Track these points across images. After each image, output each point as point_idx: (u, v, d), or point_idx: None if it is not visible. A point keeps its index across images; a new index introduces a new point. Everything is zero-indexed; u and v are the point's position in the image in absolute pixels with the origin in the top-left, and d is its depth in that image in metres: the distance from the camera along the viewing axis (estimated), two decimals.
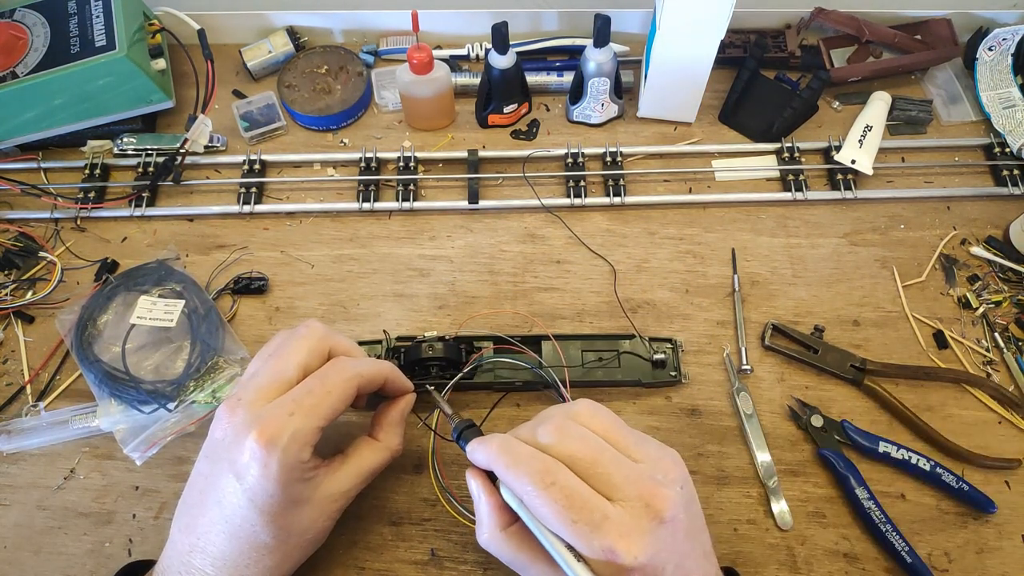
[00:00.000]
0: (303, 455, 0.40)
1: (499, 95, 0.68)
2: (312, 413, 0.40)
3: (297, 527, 0.41)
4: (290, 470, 0.39)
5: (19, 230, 0.65)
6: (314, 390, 0.41)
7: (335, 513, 0.44)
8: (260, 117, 0.71)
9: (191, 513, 0.41)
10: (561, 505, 0.35)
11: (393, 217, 0.67)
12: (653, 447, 0.39)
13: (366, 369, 0.44)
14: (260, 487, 0.39)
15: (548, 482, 0.35)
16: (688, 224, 0.66)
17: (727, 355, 0.58)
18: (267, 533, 0.40)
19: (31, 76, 0.63)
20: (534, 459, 0.37)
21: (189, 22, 0.70)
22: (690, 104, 0.70)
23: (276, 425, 0.39)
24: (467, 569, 0.50)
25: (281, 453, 0.39)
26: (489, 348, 0.56)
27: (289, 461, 0.39)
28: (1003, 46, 0.70)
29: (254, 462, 0.39)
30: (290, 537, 0.41)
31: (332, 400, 0.41)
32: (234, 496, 0.39)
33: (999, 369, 0.58)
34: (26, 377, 0.58)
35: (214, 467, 0.41)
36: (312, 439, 0.41)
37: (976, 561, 0.50)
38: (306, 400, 0.41)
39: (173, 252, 0.64)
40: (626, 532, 0.35)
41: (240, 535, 0.40)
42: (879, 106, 0.70)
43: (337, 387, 0.42)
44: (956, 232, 0.65)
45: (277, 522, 0.40)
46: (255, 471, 0.39)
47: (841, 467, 0.52)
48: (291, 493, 0.40)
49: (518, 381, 0.55)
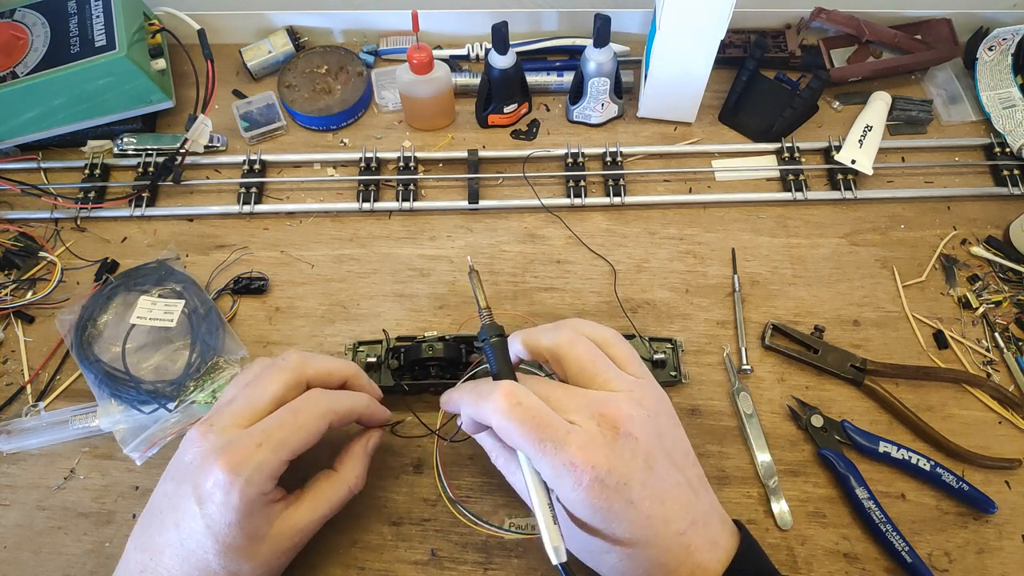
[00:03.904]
0: (266, 487, 0.40)
1: (499, 95, 0.68)
2: (280, 446, 0.40)
3: (249, 562, 0.41)
4: (251, 502, 0.39)
5: (19, 230, 0.65)
6: (285, 423, 0.41)
7: (291, 550, 0.44)
8: (260, 117, 0.71)
9: (148, 532, 0.41)
10: (528, 426, 0.37)
11: (393, 217, 0.67)
12: (628, 380, 0.41)
13: (339, 405, 0.44)
14: (219, 515, 0.39)
15: (513, 402, 0.37)
16: (688, 224, 0.66)
17: (727, 355, 0.58)
18: (218, 562, 0.40)
19: (31, 76, 0.63)
20: (496, 389, 0.39)
21: (189, 22, 0.70)
22: (690, 104, 0.70)
23: (243, 455, 0.39)
24: (467, 569, 0.50)
25: (244, 483, 0.39)
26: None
27: (251, 493, 0.39)
28: (1003, 46, 0.70)
29: (217, 489, 0.39)
30: (240, 570, 0.41)
31: (302, 435, 0.41)
32: (192, 520, 0.39)
33: (999, 369, 0.58)
34: (26, 377, 0.58)
35: (178, 489, 0.41)
36: (277, 471, 0.41)
37: (976, 561, 0.50)
38: (276, 433, 0.41)
39: (173, 252, 0.64)
40: (583, 444, 0.37)
41: (192, 560, 0.40)
42: (879, 106, 0.70)
43: (308, 422, 0.42)
44: (956, 232, 0.65)
45: (230, 553, 0.40)
46: (217, 498, 0.39)
47: (841, 467, 0.52)
48: (249, 526, 0.40)
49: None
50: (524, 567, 0.50)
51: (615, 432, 0.37)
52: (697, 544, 0.39)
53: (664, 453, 0.40)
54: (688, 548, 0.38)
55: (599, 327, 0.45)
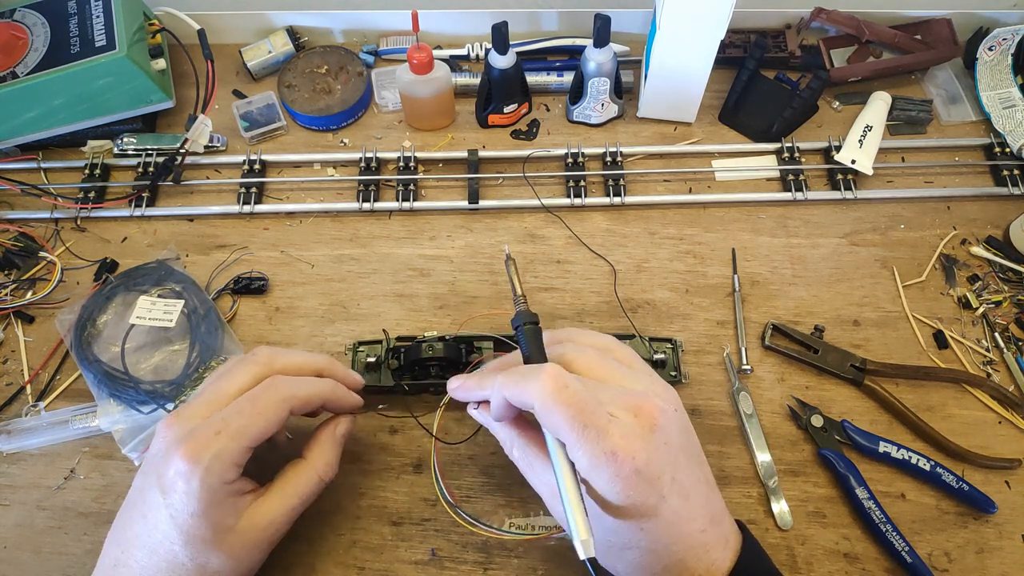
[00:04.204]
0: (227, 475, 0.40)
1: (499, 95, 0.68)
2: (239, 433, 0.40)
3: (217, 554, 0.40)
4: (212, 491, 0.39)
5: (19, 230, 0.65)
6: (243, 411, 0.41)
7: (264, 544, 0.42)
8: (260, 117, 0.71)
9: (121, 526, 0.41)
10: (574, 410, 0.36)
11: (393, 217, 0.67)
12: (644, 378, 0.41)
13: (300, 390, 0.43)
14: (182, 504, 0.39)
15: (561, 385, 0.36)
16: (688, 224, 0.66)
17: (727, 355, 0.58)
18: (185, 554, 0.39)
19: (31, 76, 0.63)
20: (543, 371, 0.37)
21: (189, 22, 0.70)
22: (690, 104, 0.70)
23: (202, 443, 0.39)
24: (467, 569, 0.50)
25: (204, 472, 0.38)
26: (490, 350, 0.56)
27: (212, 481, 0.39)
28: (1003, 46, 0.70)
29: (179, 478, 0.39)
30: (208, 563, 0.40)
31: (260, 422, 0.41)
32: (157, 511, 0.39)
33: (999, 369, 0.58)
34: (26, 377, 0.58)
35: (145, 481, 0.41)
36: (239, 459, 0.40)
37: (976, 561, 0.50)
38: (234, 420, 0.40)
39: (173, 252, 0.64)
40: (625, 434, 0.36)
41: (160, 552, 0.39)
42: (879, 106, 0.70)
43: (267, 409, 0.41)
44: (956, 232, 0.65)
45: (196, 544, 0.39)
46: (179, 487, 0.38)
47: (841, 467, 0.52)
48: (214, 516, 0.39)
49: None
50: (524, 567, 0.50)
51: (652, 425, 0.37)
52: (713, 542, 0.39)
53: (688, 450, 0.40)
54: (706, 546, 0.39)
55: (596, 334, 0.45)
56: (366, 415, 0.56)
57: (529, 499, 0.52)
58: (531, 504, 0.52)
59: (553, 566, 0.50)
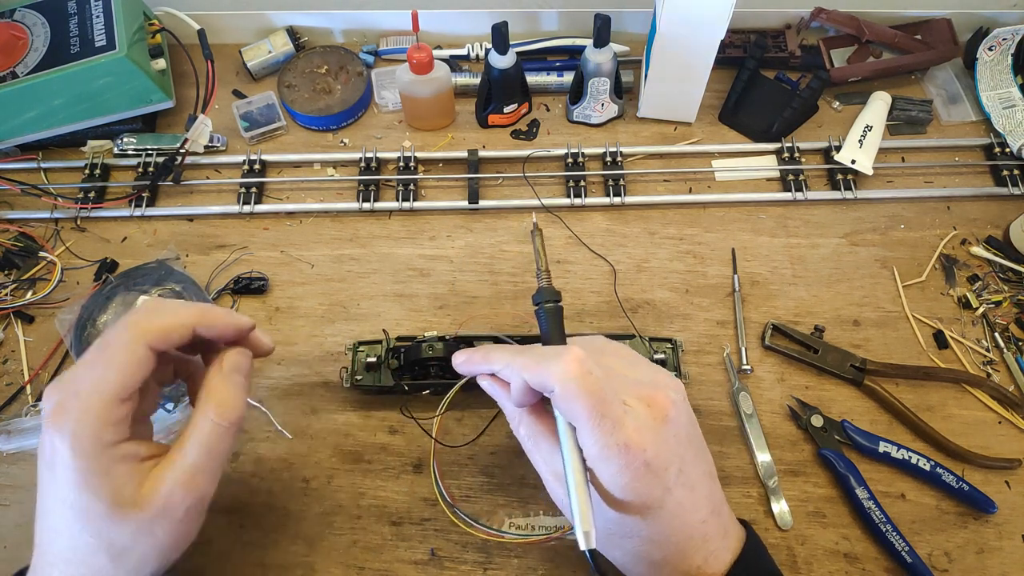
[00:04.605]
0: (103, 436, 0.35)
1: (499, 95, 0.68)
2: (97, 388, 0.35)
3: (120, 530, 0.35)
4: (89, 456, 0.34)
5: (19, 230, 0.65)
6: (95, 361, 0.36)
7: (178, 513, 0.36)
8: (260, 117, 0.71)
9: (35, 529, 0.38)
10: (595, 398, 0.36)
11: (393, 217, 0.67)
12: (650, 370, 0.41)
13: (154, 322, 0.37)
14: (64, 479, 0.35)
15: (585, 370, 0.36)
16: (688, 224, 0.66)
17: (727, 355, 0.58)
18: (87, 533, 0.35)
19: (31, 76, 0.63)
20: (567, 353, 0.37)
21: (189, 22, 0.70)
22: (690, 104, 0.70)
23: (64, 408, 0.35)
24: (467, 569, 0.50)
25: (72, 437, 0.34)
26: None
27: (85, 446, 0.34)
28: (1003, 46, 0.70)
29: (55, 452, 0.35)
30: (115, 540, 0.35)
31: (115, 366, 0.36)
32: (49, 498, 0.36)
33: (999, 369, 0.58)
34: (26, 377, 0.58)
35: (39, 465, 0.37)
36: (108, 417, 0.35)
37: (976, 561, 0.50)
38: (87, 374, 0.36)
39: (173, 252, 0.64)
40: (638, 427, 0.36)
41: (64, 537, 0.36)
42: (879, 106, 0.70)
43: (119, 352, 0.36)
44: (956, 232, 0.65)
45: (94, 521, 0.35)
46: (58, 461, 0.35)
47: (841, 467, 0.52)
48: (103, 487, 0.35)
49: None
50: (524, 567, 0.50)
51: (664, 417, 0.37)
52: (713, 532, 0.39)
53: (695, 441, 0.40)
54: (705, 536, 0.39)
55: (588, 337, 0.44)
56: (366, 415, 0.56)
57: (529, 499, 0.52)
58: (531, 504, 0.52)
59: (553, 566, 0.50)
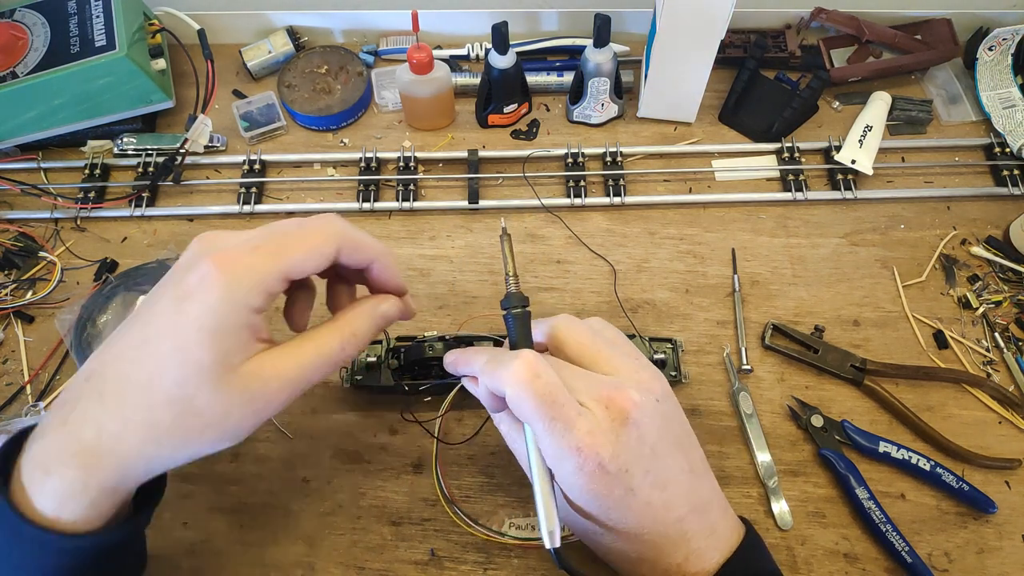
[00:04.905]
0: (253, 299, 0.34)
1: (499, 95, 0.68)
2: (277, 253, 0.35)
3: (208, 391, 0.33)
4: (231, 309, 0.33)
5: (19, 230, 0.65)
6: (288, 232, 0.36)
7: (259, 404, 0.35)
8: (260, 117, 0.71)
9: (110, 342, 0.35)
10: (542, 400, 0.36)
11: (393, 217, 0.67)
12: (630, 362, 0.40)
13: (354, 232, 0.38)
14: (195, 314, 0.33)
15: (532, 374, 0.36)
16: (688, 224, 0.66)
17: (727, 355, 0.58)
18: (173, 378, 0.33)
19: (31, 76, 0.63)
20: (517, 358, 0.37)
21: (189, 22, 0.70)
22: (690, 104, 0.70)
23: (236, 255, 0.34)
24: (467, 569, 0.50)
25: (230, 282, 0.33)
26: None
27: (236, 297, 0.33)
28: (1003, 46, 0.70)
29: (201, 285, 0.33)
30: (195, 398, 0.33)
31: (303, 248, 0.36)
32: (161, 320, 0.33)
33: (999, 369, 0.58)
34: (26, 377, 0.58)
35: (158, 291, 0.35)
36: (270, 285, 0.35)
37: (976, 561, 0.50)
38: (275, 239, 0.35)
39: (173, 252, 0.64)
40: (591, 430, 0.36)
41: (145, 367, 0.33)
42: (879, 106, 0.70)
43: (315, 235, 0.36)
44: (956, 232, 0.65)
45: (190, 370, 0.33)
46: (198, 295, 0.33)
47: (841, 467, 0.52)
48: (222, 343, 0.33)
49: None
50: (524, 567, 0.50)
51: (624, 419, 0.37)
52: (695, 530, 0.39)
53: (670, 439, 0.39)
54: (685, 534, 0.38)
55: (588, 320, 0.44)
56: (366, 415, 0.56)
57: (529, 499, 0.52)
58: (531, 504, 0.52)
59: (553, 566, 0.49)
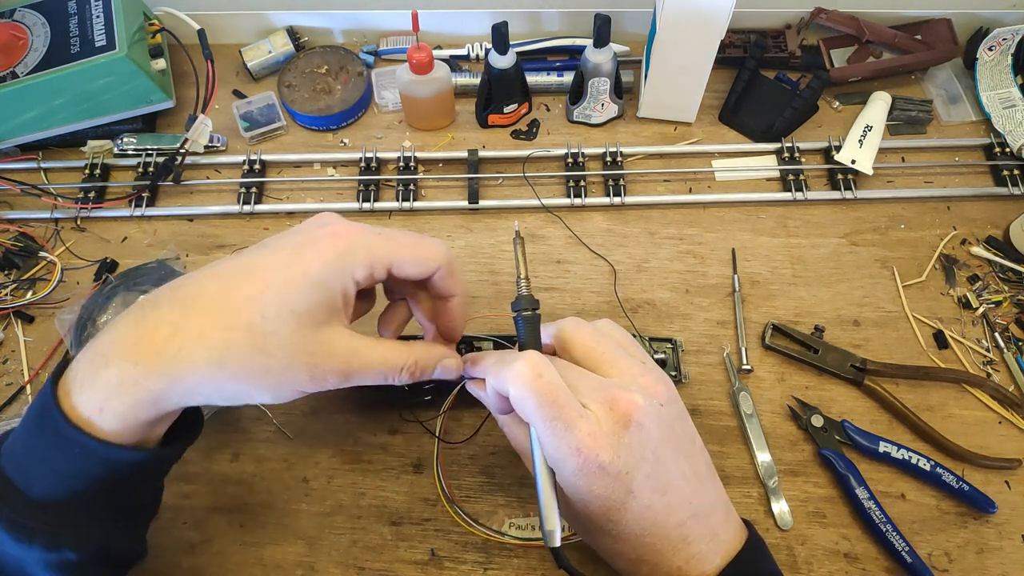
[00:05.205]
0: (359, 271, 0.37)
1: (499, 95, 0.68)
2: (394, 244, 0.39)
3: (283, 339, 0.35)
4: (338, 272, 0.36)
5: (19, 230, 0.65)
6: (409, 237, 0.40)
7: (317, 371, 0.37)
8: (260, 117, 0.71)
9: (209, 265, 0.38)
10: (544, 400, 0.36)
11: (393, 217, 0.67)
12: (636, 365, 0.40)
13: (456, 263, 0.42)
14: (309, 258, 0.36)
15: (535, 374, 0.37)
16: (688, 224, 0.66)
17: (727, 355, 0.58)
18: (261, 313, 0.35)
19: (31, 76, 0.63)
20: (521, 358, 0.38)
21: (189, 22, 0.70)
22: (690, 104, 0.70)
23: (361, 230, 0.38)
24: (467, 569, 0.50)
25: (352, 245, 0.37)
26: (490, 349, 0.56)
27: (346, 262, 0.37)
28: (1003, 46, 0.70)
29: (328, 237, 0.37)
30: (268, 343, 0.35)
31: (416, 253, 0.40)
32: (276, 255, 0.37)
33: (999, 369, 0.58)
34: (26, 377, 0.58)
35: (276, 237, 0.39)
36: (376, 267, 0.38)
37: (976, 561, 0.50)
38: (395, 236, 0.39)
39: (173, 252, 0.64)
40: (592, 431, 0.36)
41: (236, 298, 0.35)
42: (879, 106, 0.70)
43: (427, 248, 0.40)
44: (956, 232, 0.65)
45: (278, 308, 0.35)
46: (322, 245, 0.37)
47: (841, 467, 0.52)
48: (318, 296, 0.36)
49: None
50: (524, 567, 0.50)
51: (626, 421, 0.37)
52: (696, 535, 0.39)
53: (673, 443, 0.39)
54: (686, 539, 0.38)
55: (598, 321, 0.44)
56: (366, 415, 0.56)
57: (529, 499, 0.52)
58: (531, 504, 0.52)
59: (553, 566, 0.49)
